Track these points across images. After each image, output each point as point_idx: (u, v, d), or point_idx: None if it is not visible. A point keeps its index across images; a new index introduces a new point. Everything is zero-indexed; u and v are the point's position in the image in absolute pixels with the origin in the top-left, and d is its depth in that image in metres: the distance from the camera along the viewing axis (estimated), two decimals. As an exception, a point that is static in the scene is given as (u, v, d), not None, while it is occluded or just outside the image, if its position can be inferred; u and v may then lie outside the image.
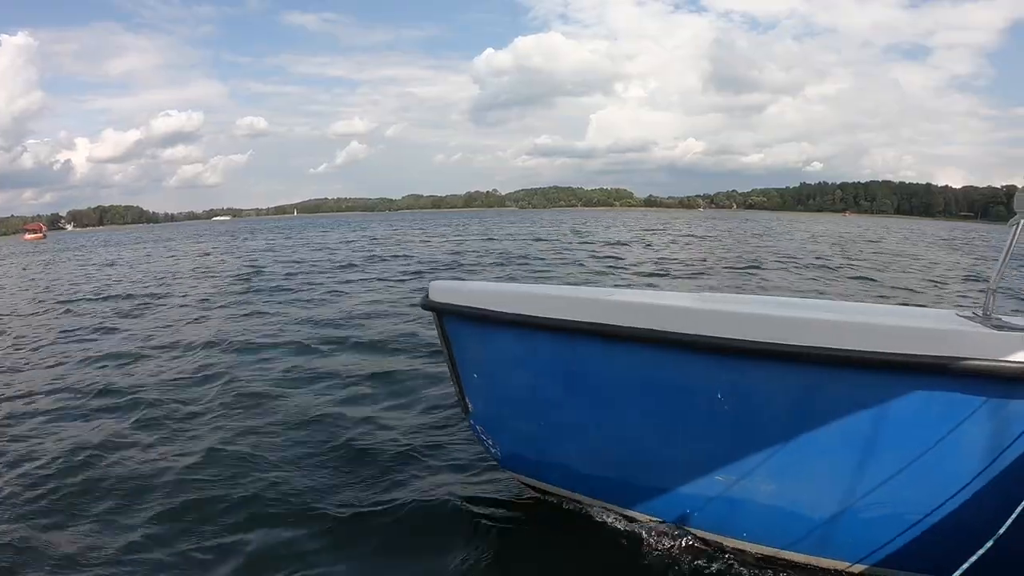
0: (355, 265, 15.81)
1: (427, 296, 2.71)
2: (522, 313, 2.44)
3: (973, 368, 1.83)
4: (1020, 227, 2.17)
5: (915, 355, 1.87)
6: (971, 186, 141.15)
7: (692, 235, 29.16)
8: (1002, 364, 1.80)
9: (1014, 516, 1.71)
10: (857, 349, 1.92)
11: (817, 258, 17.07)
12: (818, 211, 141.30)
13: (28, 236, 66.44)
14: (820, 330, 1.99)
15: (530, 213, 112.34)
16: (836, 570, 2.20)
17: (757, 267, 14.09)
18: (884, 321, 2.05)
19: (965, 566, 1.59)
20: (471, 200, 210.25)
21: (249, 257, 20.46)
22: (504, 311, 2.48)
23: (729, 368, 2.13)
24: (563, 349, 2.43)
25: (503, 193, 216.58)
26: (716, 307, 2.29)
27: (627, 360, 2.30)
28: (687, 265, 14.46)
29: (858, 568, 2.16)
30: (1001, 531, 1.67)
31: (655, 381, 2.29)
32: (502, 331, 2.54)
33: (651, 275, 12.28)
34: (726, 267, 14.11)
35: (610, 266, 14.29)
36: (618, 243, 22.31)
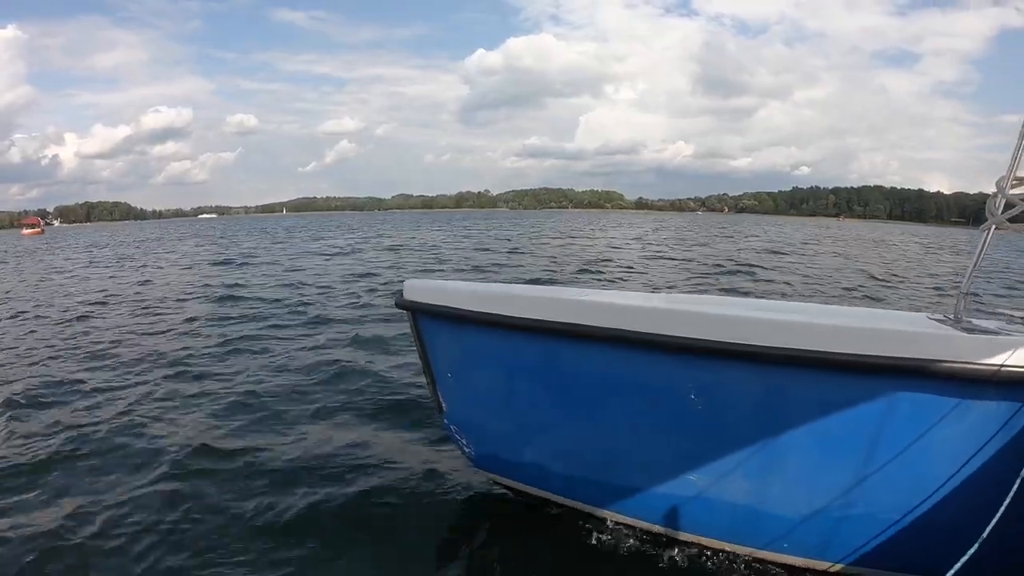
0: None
1: (401, 295, 2.68)
2: (497, 313, 2.41)
3: (944, 370, 1.83)
4: (991, 232, 2.18)
5: (887, 357, 1.88)
6: (962, 192, 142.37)
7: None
8: (972, 366, 1.81)
9: (997, 517, 1.70)
10: (829, 351, 1.92)
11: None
12: (811, 215, 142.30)
13: (26, 231, 65.38)
14: (793, 332, 1.98)
15: (521, 215, 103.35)
16: (815, 570, 2.20)
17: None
18: (857, 323, 2.05)
19: (956, 567, 1.59)
20: (462, 200, 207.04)
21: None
22: (479, 311, 2.45)
23: (702, 369, 2.12)
24: (538, 349, 2.40)
25: (495, 194, 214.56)
26: (690, 308, 2.28)
27: (601, 360, 2.29)
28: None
29: (836, 568, 2.16)
30: (985, 534, 1.67)
31: (629, 381, 2.27)
32: (476, 331, 2.51)
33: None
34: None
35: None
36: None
